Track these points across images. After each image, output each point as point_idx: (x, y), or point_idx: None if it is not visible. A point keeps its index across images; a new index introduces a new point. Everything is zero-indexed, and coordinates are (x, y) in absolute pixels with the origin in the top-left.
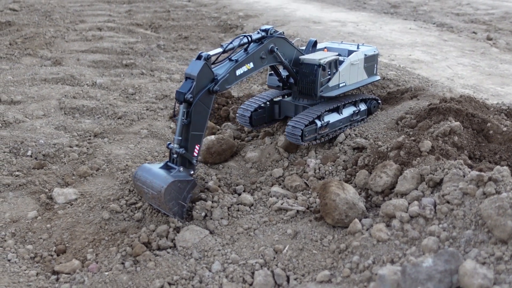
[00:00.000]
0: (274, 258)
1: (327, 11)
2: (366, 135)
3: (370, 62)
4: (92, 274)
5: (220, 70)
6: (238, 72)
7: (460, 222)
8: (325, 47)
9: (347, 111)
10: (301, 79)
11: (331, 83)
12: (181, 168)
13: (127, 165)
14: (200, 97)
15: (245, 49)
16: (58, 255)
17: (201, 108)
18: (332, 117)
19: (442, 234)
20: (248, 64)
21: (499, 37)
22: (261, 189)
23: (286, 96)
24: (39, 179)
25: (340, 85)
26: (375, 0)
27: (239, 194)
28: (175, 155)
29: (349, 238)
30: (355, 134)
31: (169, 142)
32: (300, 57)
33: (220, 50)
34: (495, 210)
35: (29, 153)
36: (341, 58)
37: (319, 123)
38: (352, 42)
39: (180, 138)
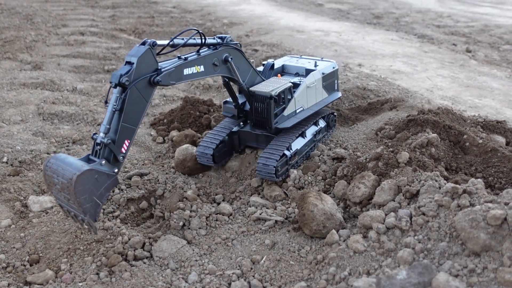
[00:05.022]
0: (251, 269)
1: (311, 20)
2: (346, 146)
3: (330, 79)
4: (66, 284)
5: (166, 64)
6: (186, 71)
7: (435, 234)
8: (278, 73)
9: (310, 132)
10: (254, 112)
11: (286, 112)
12: (103, 161)
13: None
14: (138, 84)
15: (198, 51)
16: (31, 265)
17: (137, 97)
18: (298, 143)
19: (417, 246)
20: (198, 67)
21: (478, 50)
22: (240, 198)
23: (242, 124)
24: (14, 186)
25: (298, 111)
26: (358, 10)
27: (218, 204)
28: (98, 146)
29: (326, 249)
30: (335, 145)
31: (94, 132)
32: (250, 88)
33: (167, 41)
34: (468, 223)
35: (4, 159)
36: (297, 80)
37: (288, 153)
38: (313, 56)
39: (108, 126)
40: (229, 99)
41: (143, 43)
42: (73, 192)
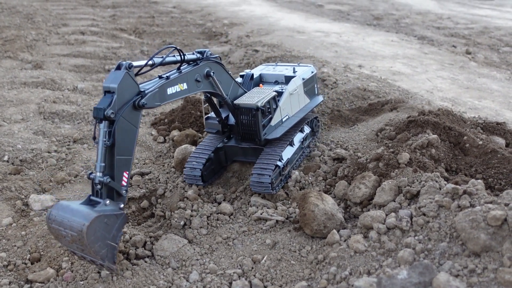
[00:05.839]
0: (252, 268)
1: (311, 21)
2: (346, 146)
3: (310, 84)
4: (67, 283)
5: (148, 86)
6: (170, 90)
7: (435, 235)
8: (260, 83)
9: (297, 140)
10: (240, 125)
11: (273, 122)
12: (108, 201)
13: None
14: (124, 112)
15: (178, 68)
16: (32, 264)
17: (126, 126)
18: (288, 153)
19: (417, 246)
20: (181, 84)
21: (477, 51)
22: (241, 198)
23: (226, 140)
24: (15, 185)
25: (284, 120)
26: (358, 12)
27: (219, 203)
28: (98, 186)
29: (327, 249)
30: (335, 145)
31: (90, 172)
32: (235, 101)
33: (145, 61)
34: (468, 223)
35: (5, 158)
36: (279, 88)
37: (280, 164)
38: (294, 63)
39: (103, 164)
40: (211, 114)
41: (118, 67)
42: (86, 243)
